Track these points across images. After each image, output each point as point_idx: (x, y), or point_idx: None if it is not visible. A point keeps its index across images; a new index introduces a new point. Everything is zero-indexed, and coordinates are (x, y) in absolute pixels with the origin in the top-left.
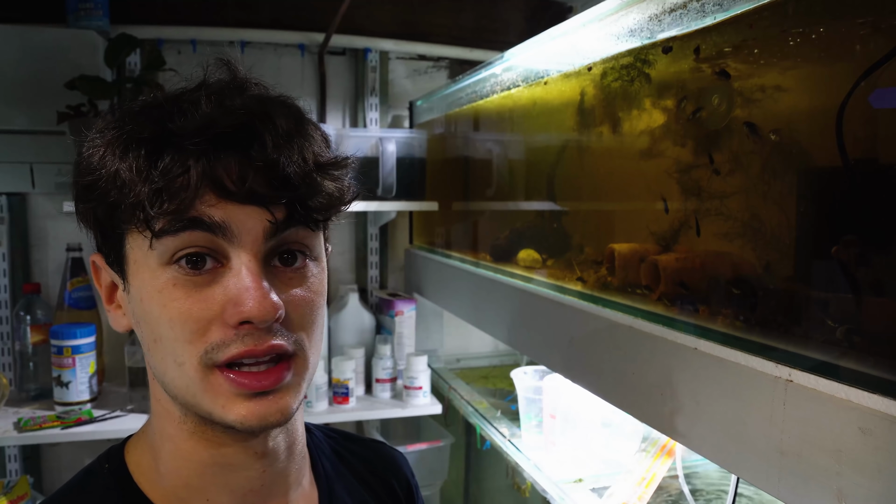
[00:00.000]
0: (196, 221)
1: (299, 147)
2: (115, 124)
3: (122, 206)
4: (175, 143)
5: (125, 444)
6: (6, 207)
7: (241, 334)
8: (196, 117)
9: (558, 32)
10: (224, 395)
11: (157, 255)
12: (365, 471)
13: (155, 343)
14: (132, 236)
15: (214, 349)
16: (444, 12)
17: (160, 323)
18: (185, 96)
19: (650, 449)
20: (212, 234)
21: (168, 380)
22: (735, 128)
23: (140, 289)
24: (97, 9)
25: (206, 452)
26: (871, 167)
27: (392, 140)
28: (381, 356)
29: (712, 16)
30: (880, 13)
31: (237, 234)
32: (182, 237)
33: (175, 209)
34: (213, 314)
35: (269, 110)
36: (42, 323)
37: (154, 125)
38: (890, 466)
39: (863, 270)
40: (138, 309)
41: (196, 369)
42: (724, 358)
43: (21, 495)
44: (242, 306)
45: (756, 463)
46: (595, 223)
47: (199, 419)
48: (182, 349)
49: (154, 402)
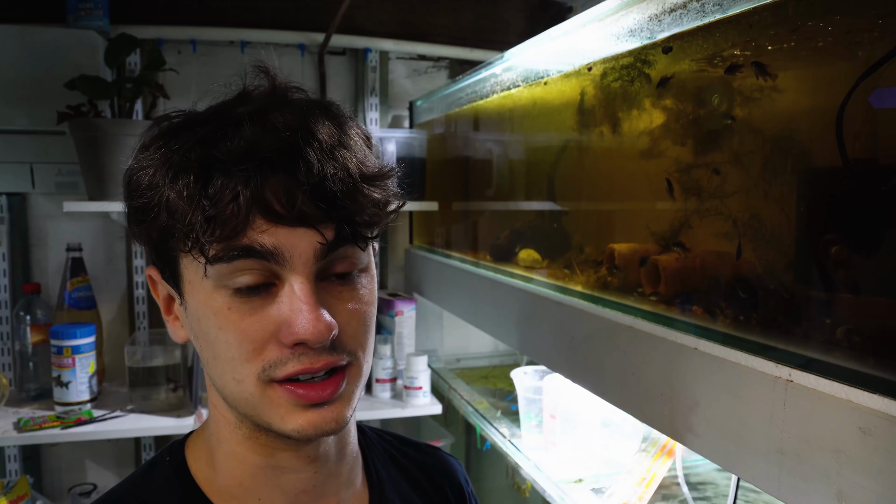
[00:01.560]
0: (248, 249)
1: (343, 159)
2: (161, 141)
3: (174, 231)
4: (222, 168)
5: (186, 440)
6: (6, 207)
7: (296, 353)
8: (240, 141)
9: (558, 32)
10: (283, 407)
11: (211, 279)
12: (419, 475)
13: (214, 360)
14: (186, 258)
15: (272, 367)
16: (445, 12)
17: (217, 343)
18: (227, 113)
19: (650, 449)
20: (264, 261)
21: (227, 393)
22: (735, 128)
23: (196, 308)
24: (97, 9)
25: (260, 457)
26: (871, 167)
27: (392, 140)
28: (382, 356)
29: (712, 15)
30: (879, 13)
31: (288, 258)
32: (235, 264)
33: (227, 236)
34: (268, 334)
35: (311, 124)
36: (42, 323)
37: (201, 148)
38: (890, 466)
39: (862, 270)
40: (195, 326)
41: (255, 385)
42: (725, 358)
43: (21, 495)
44: (297, 328)
45: (756, 463)
46: (595, 223)
47: (255, 426)
48: (240, 367)
49: (211, 406)
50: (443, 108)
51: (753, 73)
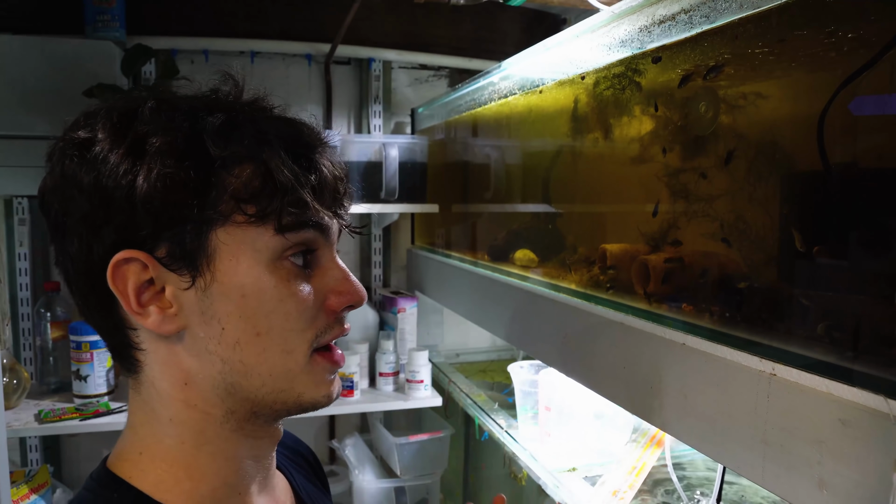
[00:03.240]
0: (316, 223)
1: (342, 163)
2: (168, 111)
3: (223, 198)
4: (299, 150)
5: (113, 471)
6: (27, 209)
7: (338, 319)
8: (285, 130)
9: (553, 43)
10: (319, 374)
11: (271, 250)
12: (286, 450)
13: (257, 336)
14: (229, 231)
15: (322, 333)
16: (445, 24)
17: (274, 315)
18: (231, 106)
19: (640, 440)
20: (320, 234)
21: (265, 369)
22: (721, 133)
23: (242, 285)
24: (114, 20)
25: (244, 448)
26: (851, 171)
27: (395, 145)
28: (385, 351)
29: (699, 27)
30: (858, 25)
31: (332, 234)
32: (300, 235)
33: (299, 209)
34: (318, 303)
35: (321, 132)
36: (62, 319)
37: (283, 132)
38: (868, 456)
39: (841, 269)
40: (229, 306)
41: (304, 354)
42: (711, 353)
43: (41, 483)
44: (349, 293)
45: (741, 453)
46: (588, 224)
47: (247, 415)
48: (295, 337)
49: (184, 409)
50: (443, 115)
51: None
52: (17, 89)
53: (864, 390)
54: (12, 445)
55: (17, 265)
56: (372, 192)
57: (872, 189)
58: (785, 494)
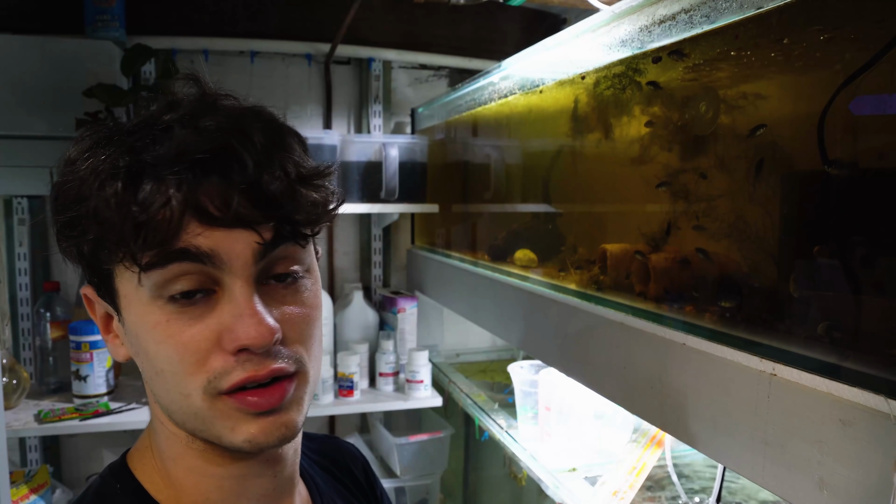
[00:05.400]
0: (183, 253)
1: (280, 161)
2: (88, 153)
3: (105, 241)
4: (152, 172)
5: (126, 461)
6: (27, 209)
7: (241, 360)
8: (171, 144)
9: (553, 43)
10: (233, 418)
11: (146, 289)
12: (328, 464)
13: (157, 375)
14: (119, 271)
15: (217, 377)
16: (445, 24)
17: (158, 358)
18: (154, 121)
19: (641, 439)
20: (200, 264)
21: (175, 409)
22: (721, 133)
23: (135, 324)
24: (114, 20)
25: (221, 467)
26: (851, 171)
27: (394, 145)
28: (385, 351)
29: (700, 27)
30: (858, 25)
31: (226, 260)
32: (171, 269)
33: (160, 241)
34: (210, 343)
35: (244, 126)
36: (61, 319)
37: (129, 154)
38: (868, 456)
39: (843, 269)
40: (135, 342)
41: (202, 399)
42: (711, 353)
43: (41, 483)
44: (239, 334)
45: (741, 453)
46: (588, 224)
47: (203, 442)
48: (185, 381)
49: (158, 423)
50: (443, 115)
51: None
52: (17, 89)
53: (864, 390)
54: (12, 445)
55: (17, 265)
56: (372, 192)
57: (872, 189)
58: (785, 494)
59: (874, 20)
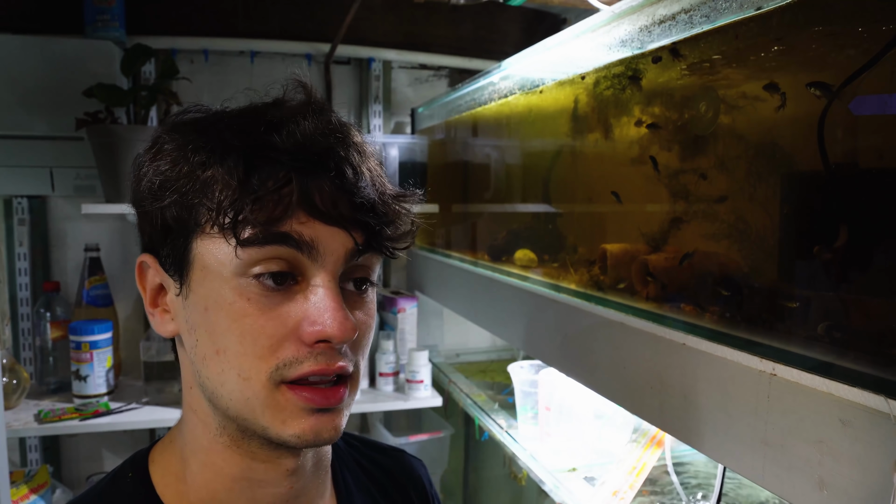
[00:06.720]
0: (285, 237)
1: (378, 175)
2: (188, 127)
3: (201, 207)
4: (273, 155)
5: (150, 452)
6: (27, 209)
7: (314, 353)
8: (297, 135)
9: (553, 43)
10: (288, 411)
11: (235, 264)
12: (384, 479)
13: (216, 354)
14: (204, 241)
15: (286, 366)
16: (445, 24)
17: (228, 335)
18: (262, 114)
19: (641, 439)
20: (297, 251)
21: (225, 391)
22: (721, 134)
23: (206, 297)
24: (114, 20)
25: (238, 467)
26: (850, 171)
27: (395, 145)
28: (385, 351)
29: (700, 27)
30: (858, 25)
31: (322, 253)
32: (268, 249)
33: (266, 220)
34: (287, 331)
35: (351, 137)
36: (61, 319)
37: (244, 135)
38: (869, 456)
39: (842, 269)
40: (199, 318)
41: (264, 385)
42: (711, 353)
43: (41, 484)
44: (323, 325)
45: (741, 453)
46: (588, 224)
47: (240, 433)
48: (250, 364)
49: (188, 412)
50: (443, 115)
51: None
52: (17, 89)
53: (864, 390)
54: (12, 445)
55: (17, 265)
56: None
57: (872, 188)
58: (785, 494)
59: (874, 20)
